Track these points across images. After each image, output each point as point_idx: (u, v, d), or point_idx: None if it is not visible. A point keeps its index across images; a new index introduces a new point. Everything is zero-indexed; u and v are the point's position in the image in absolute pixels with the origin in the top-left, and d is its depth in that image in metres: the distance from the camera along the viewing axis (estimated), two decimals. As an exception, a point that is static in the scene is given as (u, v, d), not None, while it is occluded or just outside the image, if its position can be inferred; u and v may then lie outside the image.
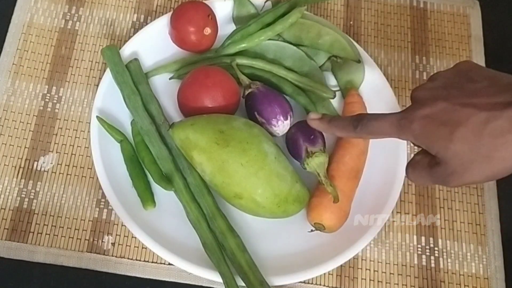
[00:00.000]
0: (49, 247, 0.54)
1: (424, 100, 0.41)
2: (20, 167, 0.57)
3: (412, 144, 0.60)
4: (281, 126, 0.56)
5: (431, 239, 0.57)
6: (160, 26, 0.61)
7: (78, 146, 0.58)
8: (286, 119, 0.56)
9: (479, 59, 0.66)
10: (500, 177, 0.39)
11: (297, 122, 0.57)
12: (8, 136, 0.58)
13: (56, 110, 0.59)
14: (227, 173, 0.50)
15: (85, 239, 0.54)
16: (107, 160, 0.55)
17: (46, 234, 0.54)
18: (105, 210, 0.55)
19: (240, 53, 0.60)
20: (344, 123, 0.47)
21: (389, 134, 0.43)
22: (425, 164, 0.42)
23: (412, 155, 0.54)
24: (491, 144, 0.37)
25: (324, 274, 0.54)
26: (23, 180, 0.56)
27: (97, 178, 0.54)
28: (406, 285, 0.55)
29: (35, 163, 0.57)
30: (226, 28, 0.62)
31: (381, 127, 0.43)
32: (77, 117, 0.59)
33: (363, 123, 0.45)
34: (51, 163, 0.57)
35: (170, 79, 0.60)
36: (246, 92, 0.57)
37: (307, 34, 0.60)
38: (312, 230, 0.54)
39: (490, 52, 0.66)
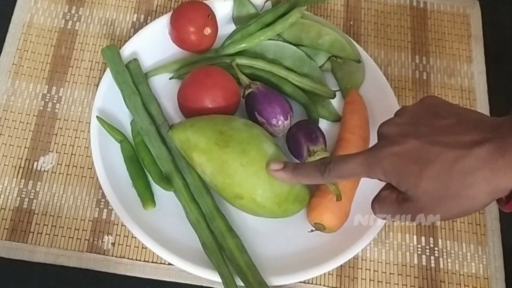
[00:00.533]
0: (49, 247, 0.54)
1: (393, 137, 0.41)
2: (20, 167, 0.57)
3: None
4: (281, 126, 0.56)
5: (431, 239, 0.57)
6: (160, 26, 0.61)
7: (78, 146, 0.58)
8: (286, 119, 0.56)
9: (479, 59, 0.66)
10: (469, 214, 0.40)
11: (298, 121, 0.57)
12: (8, 136, 0.58)
13: (56, 110, 0.59)
14: (227, 173, 0.50)
15: (85, 239, 0.54)
16: (107, 160, 0.55)
17: (46, 234, 0.54)
18: (105, 210, 0.55)
19: (240, 53, 0.60)
20: (310, 170, 0.46)
21: (359, 174, 0.43)
22: (392, 200, 0.42)
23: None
24: (460, 183, 0.38)
25: (324, 274, 0.54)
26: (23, 180, 0.56)
27: (97, 178, 0.54)
28: (406, 285, 0.55)
29: (35, 163, 0.57)
30: (226, 28, 0.62)
31: (350, 169, 0.43)
32: (77, 117, 0.59)
33: (330, 168, 0.44)
34: (51, 163, 0.57)
35: (170, 79, 0.60)
36: (246, 92, 0.57)
37: (307, 34, 0.61)
38: (312, 230, 0.54)
39: (490, 52, 0.66)
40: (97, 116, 0.56)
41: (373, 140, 0.58)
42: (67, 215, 0.55)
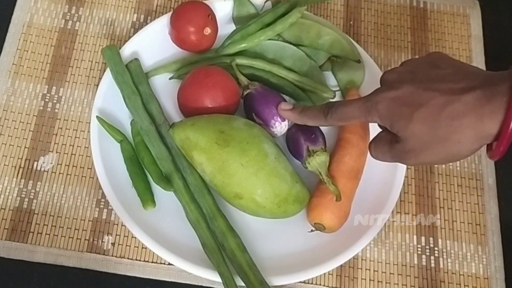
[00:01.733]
0: (49, 247, 0.54)
1: (391, 82, 0.44)
2: (20, 167, 0.57)
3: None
4: (279, 127, 0.56)
5: (431, 239, 0.57)
6: (160, 26, 0.61)
7: (78, 146, 0.58)
8: (284, 120, 0.56)
9: (479, 59, 0.66)
10: (455, 160, 0.42)
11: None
12: (8, 136, 0.58)
13: (56, 110, 0.59)
14: (227, 173, 0.50)
15: (85, 239, 0.54)
16: (107, 160, 0.55)
17: (46, 234, 0.54)
18: (105, 210, 0.55)
19: (240, 53, 0.60)
20: (315, 112, 0.49)
21: (358, 118, 0.46)
22: (386, 141, 0.44)
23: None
24: (448, 126, 0.39)
25: (324, 274, 0.54)
26: (23, 180, 0.56)
27: (97, 178, 0.54)
28: (406, 285, 0.55)
29: (35, 163, 0.57)
30: (226, 28, 0.62)
31: (349, 112, 0.46)
32: (77, 117, 0.59)
33: (333, 110, 0.47)
34: (51, 163, 0.57)
35: (170, 79, 0.60)
36: (245, 93, 0.57)
37: (307, 34, 0.61)
38: (312, 230, 0.54)
39: (490, 52, 0.66)
40: (97, 116, 0.56)
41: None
42: (67, 215, 0.55)
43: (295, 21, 0.60)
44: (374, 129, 0.59)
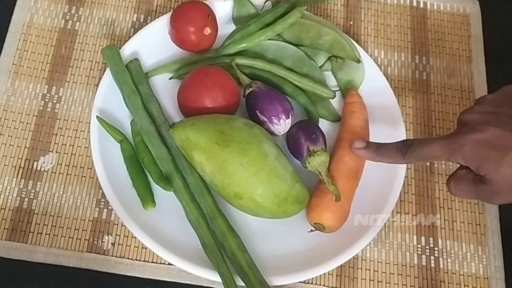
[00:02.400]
0: (49, 247, 0.54)
1: (474, 124, 0.43)
2: (20, 167, 0.57)
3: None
4: (283, 124, 0.56)
5: (431, 239, 0.57)
6: (160, 26, 0.61)
7: (78, 146, 0.58)
8: (288, 117, 0.56)
9: (479, 59, 0.66)
10: None
11: (298, 121, 0.57)
12: (8, 136, 0.58)
13: (56, 110, 0.59)
14: (227, 173, 0.50)
15: (85, 239, 0.54)
16: (107, 160, 0.55)
17: (46, 234, 0.54)
18: (105, 210, 0.55)
19: (240, 53, 0.60)
20: (392, 151, 0.49)
21: (438, 158, 0.45)
22: (469, 180, 0.44)
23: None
24: None
25: (324, 274, 0.54)
26: (23, 180, 0.56)
27: (97, 178, 0.54)
28: (406, 285, 0.55)
29: (35, 163, 0.57)
30: (226, 28, 0.62)
31: (430, 152, 0.45)
32: (77, 117, 0.59)
33: (412, 150, 0.47)
34: (51, 163, 0.57)
35: (170, 79, 0.60)
36: (247, 91, 0.57)
37: (307, 34, 0.61)
38: (312, 230, 0.54)
39: (490, 52, 0.66)
40: (97, 116, 0.56)
41: (373, 140, 0.58)
42: (67, 215, 0.55)
43: (295, 21, 0.60)
44: (375, 129, 0.59)
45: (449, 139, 0.44)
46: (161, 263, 0.54)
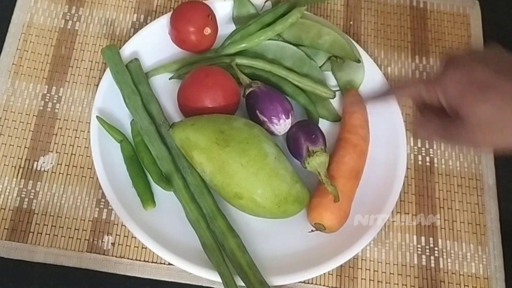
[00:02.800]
0: (49, 247, 0.54)
1: (459, 61, 0.44)
2: (20, 167, 0.57)
3: (411, 144, 0.60)
4: (283, 124, 0.56)
5: (431, 239, 0.57)
6: (160, 26, 0.61)
7: (78, 146, 0.58)
8: (288, 117, 0.56)
9: (479, 59, 0.66)
10: (508, 149, 0.42)
11: (298, 121, 0.57)
12: (8, 136, 0.58)
13: (56, 110, 0.59)
14: (227, 173, 0.50)
15: (85, 239, 0.54)
16: (107, 160, 0.55)
17: (46, 234, 0.54)
18: (105, 210, 0.55)
19: (240, 53, 0.60)
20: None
21: (420, 91, 0.46)
22: (437, 119, 0.45)
23: (412, 157, 0.54)
24: None
25: (324, 274, 0.54)
26: (23, 180, 0.56)
27: (97, 178, 0.54)
28: (406, 285, 0.55)
29: (35, 163, 0.57)
30: (226, 28, 0.62)
31: (413, 82, 0.47)
32: (77, 117, 0.59)
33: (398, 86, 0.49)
34: (51, 163, 0.57)
35: (170, 79, 0.60)
36: (247, 91, 0.57)
37: (307, 34, 0.60)
38: (312, 230, 0.54)
39: (490, 52, 0.66)
40: (97, 116, 0.56)
41: (373, 140, 0.58)
42: (67, 215, 0.55)
43: (295, 21, 0.60)
44: (374, 129, 0.59)
45: (433, 81, 0.45)
46: (161, 263, 0.54)
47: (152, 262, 0.54)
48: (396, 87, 0.49)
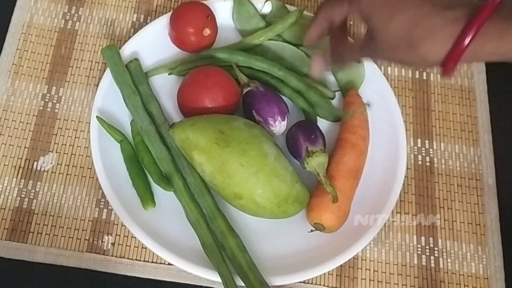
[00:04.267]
0: (49, 247, 0.54)
1: None
2: (20, 167, 0.57)
3: (411, 144, 0.60)
4: (278, 126, 0.56)
5: (431, 239, 0.57)
6: (160, 26, 0.61)
7: (78, 146, 0.58)
8: (284, 119, 0.56)
9: (479, 59, 0.66)
10: (418, 67, 0.47)
11: (298, 121, 0.57)
12: (8, 136, 0.58)
13: (56, 110, 0.60)
14: (227, 173, 0.50)
15: (85, 239, 0.54)
16: (107, 160, 0.55)
17: (46, 234, 0.54)
18: (105, 210, 0.55)
19: (240, 53, 0.60)
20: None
21: (342, 8, 0.47)
22: (358, 41, 0.48)
23: (412, 157, 0.54)
24: (422, 35, 0.41)
25: (324, 274, 0.54)
26: (23, 180, 0.56)
27: (97, 178, 0.54)
28: (406, 285, 0.55)
29: (35, 163, 0.57)
30: (226, 28, 0.62)
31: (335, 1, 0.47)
32: (77, 117, 0.59)
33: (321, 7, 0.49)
34: (51, 163, 0.57)
35: (169, 74, 0.60)
36: (245, 91, 0.57)
37: (307, 34, 0.60)
38: (312, 230, 0.54)
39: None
40: (97, 116, 0.56)
41: (373, 140, 0.58)
42: (67, 215, 0.55)
43: (295, 21, 0.60)
44: (374, 129, 0.59)
45: None
46: (161, 263, 0.54)
47: (152, 262, 0.54)
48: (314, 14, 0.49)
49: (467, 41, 0.39)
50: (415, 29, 0.41)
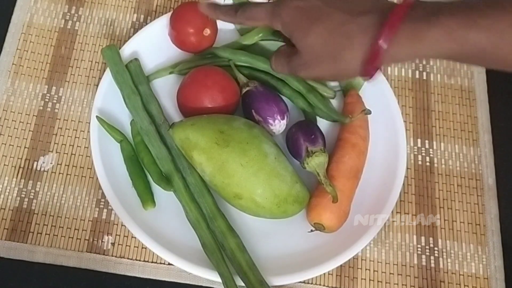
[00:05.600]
0: (49, 247, 0.54)
1: None
2: (20, 167, 0.57)
3: (411, 144, 0.60)
4: (278, 125, 0.56)
5: (431, 239, 0.57)
6: (160, 26, 0.61)
7: (78, 146, 0.58)
8: (283, 118, 0.56)
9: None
10: (344, 78, 0.46)
11: (298, 121, 0.57)
12: (8, 136, 0.58)
13: (56, 110, 0.60)
14: (227, 173, 0.50)
15: (85, 239, 0.54)
16: (107, 160, 0.55)
17: (46, 234, 0.54)
18: (105, 210, 0.55)
19: (240, 53, 0.60)
20: (228, 8, 0.50)
21: (263, 20, 0.47)
22: (286, 53, 0.47)
23: (412, 157, 0.55)
24: (339, 44, 0.41)
25: (324, 274, 0.54)
26: (23, 180, 0.56)
27: (97, 178, 0.54)
28: (406, 285, 0.55)
29: (35, 163, 0.57)
30: (226, 28, 0.62)
31: (257, 12, 0.47)
32: (77, 117, 0.59)
33: (243, 9, 0.48)
34: (51, 163, 0.57)
35: (170, 73, 0.60)
36: (244, 90, 0.57)
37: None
38: (312, 230, 0.54)
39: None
40: (97, 116, 0.56)
41: (373, 140, 0.58)
42: (67, 215, 0.55)
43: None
44: (374, 129, 0.59)
45: (276, 3, 0.46)
46: (161, 263, 0.54)
47: (152, 262, 0.54)
48: (244, 7, 0.48)
49: (382, 44, 0.39)
50: (334, 38, 0.41)
